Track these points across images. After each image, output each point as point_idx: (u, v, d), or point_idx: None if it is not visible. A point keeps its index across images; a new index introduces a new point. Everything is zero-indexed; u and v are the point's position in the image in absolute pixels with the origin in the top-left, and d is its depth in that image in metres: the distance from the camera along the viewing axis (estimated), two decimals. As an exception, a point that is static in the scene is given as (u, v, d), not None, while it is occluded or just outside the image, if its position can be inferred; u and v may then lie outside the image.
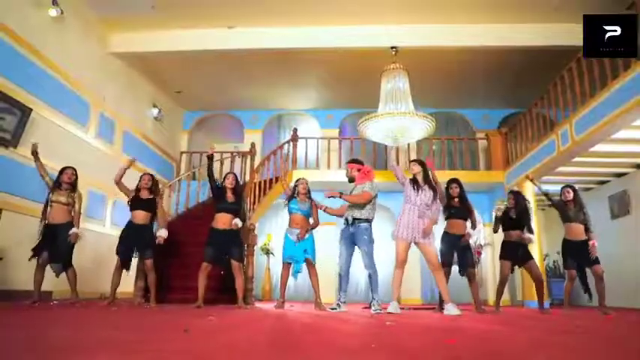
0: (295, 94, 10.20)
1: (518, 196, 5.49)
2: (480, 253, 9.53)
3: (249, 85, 9.73)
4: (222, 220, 5.01)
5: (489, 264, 9.54)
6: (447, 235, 5.38)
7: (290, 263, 5.13)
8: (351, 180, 5.12)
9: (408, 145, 9.40)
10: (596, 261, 5.22)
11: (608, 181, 8.58)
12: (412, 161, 5.04)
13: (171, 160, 10.38)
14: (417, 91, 7.37)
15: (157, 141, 9.61)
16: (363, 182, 4.94)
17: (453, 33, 7.44)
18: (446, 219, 5.46)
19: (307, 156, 9.55)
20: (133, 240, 5.01)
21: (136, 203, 5.13)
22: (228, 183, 5.17)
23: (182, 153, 10.75)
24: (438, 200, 4.80)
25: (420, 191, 4.69)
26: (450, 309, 4.47)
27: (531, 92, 8.84)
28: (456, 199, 5.45)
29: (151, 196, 5.27)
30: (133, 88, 8.70)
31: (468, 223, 5.33)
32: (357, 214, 4.90)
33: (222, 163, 9.80)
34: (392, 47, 7.44)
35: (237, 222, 5.05)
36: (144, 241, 5.07)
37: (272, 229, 10.23)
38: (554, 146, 6.91)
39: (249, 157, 10.11)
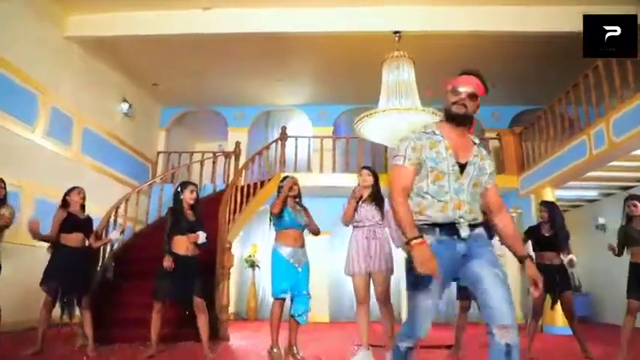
0: (285, 87, 9.12)
1: (553, 209, 4.46)
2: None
3: (233, 77, 8.64)
4: (182, 244, 3.95)
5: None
6: None
7: (284, 299, 3.83)
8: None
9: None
10: None
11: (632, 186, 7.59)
12: (364, 168, 4.04)
13: (145, 161, 9.29)
14: (419, 83, 6.32)
15: (127, 140, 8.51)
16: None
17: (463, 16, 6.42)
18: None
19: (297, 157, 8.49)
20: (67, 270, 3.93)
21: (71, 224, 4.05)
22: (189, 197, 4.09)
23: (159, 153, 9.68)
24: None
25: (362, 208, 3.83)
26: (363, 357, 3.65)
27: (550, 87, 7.84)
28: None
29: (87, 215, 4.23)
30: (96, 80, 7.58)
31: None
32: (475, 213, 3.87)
33: (202, 165, 8.77)
34: (395, 32, 6.40)
35: (202, 235, 4.01)
36: (80, 272, 4.00)
37: (258, 238, 9.16)
38: (585, 148, 5.90)
39: (233, 158, 9.15)
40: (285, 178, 4.12)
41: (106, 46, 7.19)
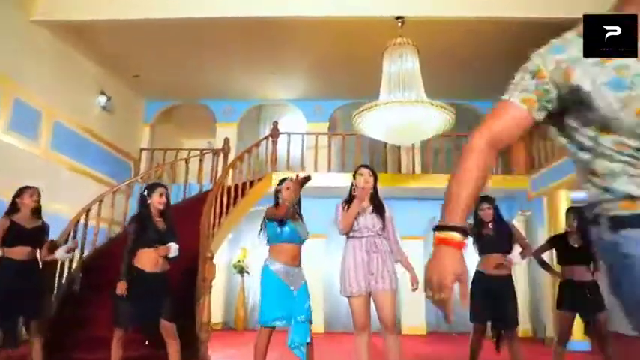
0: (277, 80, 8.47)
1: (582, 216, 3.88)
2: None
3: (221, 68, 8.00)
4: (149, 259, 3.33)
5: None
6: (481, 277, 3.77)
7: (274, 328, 3.17)
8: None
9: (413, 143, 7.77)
10: None
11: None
12: (363, 167, 3.42)
13: (127, 159, 8.64)
14: (423, 74, 5.71)
15: (106, 136, 7.86)
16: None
17: (471, 0, 5.84)
18: (480, 254, 3.87)
19: (290, 155, 7.87)
20: (10, 289, 3.29)
21: (14, 235, 3.42)
22: (158, 202, 3.47)
23: (142, 150, 9.03)
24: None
25: (361, 215, 3.25)
26: None
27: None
28: (490, 225, 3.85)
29: (40, 223, 3.59)
30: (70, 70, 6.92)
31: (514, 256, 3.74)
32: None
33: (187, 163, 8.14)
34: (397, 17, 5.78)
35: (174, 247, 3.40)
36: (27, 290, 3.37)
37: (248, 242, 8.54)
38: (609, 147, 5.31)
39: (221, 156, 8.52)
40: (283, 180, 3.50)
41: (80, 32, 6.53)
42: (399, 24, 5.71)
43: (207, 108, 9.42)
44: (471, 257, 8.13)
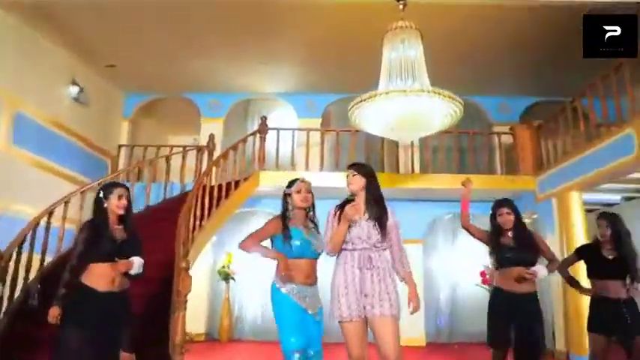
0: (266, 72, 7.88)
1: (616, 224, 3.35)
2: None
3: (206, 59, 7.40)
4: (103, 276, 2.73)
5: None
6: (500, 294, 3.22)
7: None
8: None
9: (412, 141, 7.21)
10: None
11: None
12: (352, 166, 2.85)
13: (104, 156, 7.99)
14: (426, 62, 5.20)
15: (79, 130, 7.20)
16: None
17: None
18: (497, 267, 3.32)
19: (279, 153, 7.27)
20: None
21: None
22: (117, 206, 2.87)
23: (120, 146, 8.38)
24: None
25: (353, 224, 2.67)
26: None
27: (571, 74, 6.80)
28: (510, 233, 3.31)
29: None
30: (36, 56, 6.26)
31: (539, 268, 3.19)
32: None
33: (168, 160, 7.52)
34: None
35: (137, 262, 2.81)
36: None
37: (233, 246, 7.91)
38: (632, 145, 4.80)
39: (206, 153, 7.91)
40: (293, 182, 2.91)
41: (48, 15, 5.89)
42: (401, 6, 5.13)
43: (191, 102, 8.80)
44: (475, 270, 7.49)
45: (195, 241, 5.55)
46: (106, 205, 2.87)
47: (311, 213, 2.92)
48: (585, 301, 3.59)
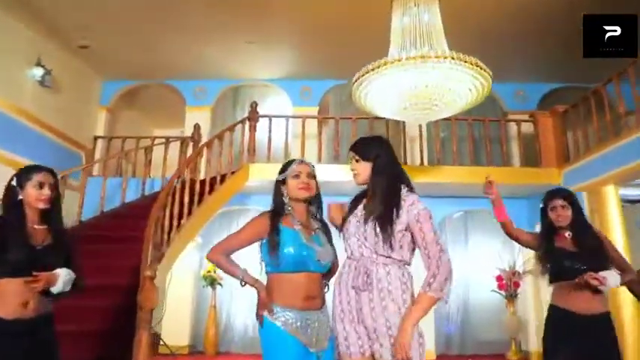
0: (258, 55, 7.10)
1: None
2: (517, 284, 6.70)
3: (191, 42, 6.66)
4: (12, 296, 1.93)
5: (530, 299, 6.72)
6: (561, 316, 2.43)
7: None
8: None
9: (420, 126, 6.45)
10: None
11: None
12: (354, 147, 2.03)
13: (77, 149, 7.20)
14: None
15: (47, 119, 6.41)
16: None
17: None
18: (552, 280, 2.53)
19: (272, 143, 6.47)
20: None
21: None
22: (36, 197, 2.07)
23: (96, 138, 7.58)
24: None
25: (354, 220, 1.93)
26: None
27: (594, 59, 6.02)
28: (567, 233, 2.52)
29: None
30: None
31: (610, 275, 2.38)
32: None
33: (147, 152, 6.75)
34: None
35: (62, 275, 2.02)
36: None
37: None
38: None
39: (191, 145, 7.14)
40: (289, 163, 2.03)
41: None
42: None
43: (176, 91, 8.00)
44: (490, 273, 6.66)
45: (172, 243, 4.77)
46: (21, 196, 2.08)
47: (314, 208, 2.06)
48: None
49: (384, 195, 1.87)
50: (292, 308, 1.85)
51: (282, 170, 2.02)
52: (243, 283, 1.95)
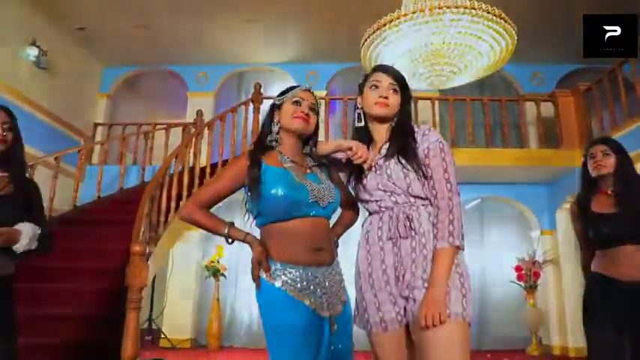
0: (262, 39, 6.86)
1: None
2: (537, 274, 6.32)
3: (194, 26, 6.43)
4: None
5: (551, 290, 6.34)
6: (601, 282, 2.08)
7: None
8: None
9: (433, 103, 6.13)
10: None
11: None
12: (380, 67, 1.74)
13: (77, 136, 6.97)
14: None
15: (44, 103, 6.19)
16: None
17: None
18: (598, 245, 2.17)
19: (277, 126, 6.15)
20: None
21: None
22: None
23: (96, 125, 7.35)
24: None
25: (371, 175, 1.62)
26: None
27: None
28: (609, 190, 2.18)
29: None
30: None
31: None
32: None
33: (146, 139, 6.50)
34: None
35: (26, 229, 1.75)
36: None
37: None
38: None
39: (193, 131, 6.84)
40: (289, 89, 1.69)
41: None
42: None
43: (178, 77, 7.76)
44: (508, 264, 6.38)
45: (169, 225, 4.49)
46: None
47: (309, 148, 1.69)
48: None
49: (407, 125, 1.58)
50: (294, 264, 1.49)
51: (280, 94, 1.69)
52: (230, 240, 1.56)
